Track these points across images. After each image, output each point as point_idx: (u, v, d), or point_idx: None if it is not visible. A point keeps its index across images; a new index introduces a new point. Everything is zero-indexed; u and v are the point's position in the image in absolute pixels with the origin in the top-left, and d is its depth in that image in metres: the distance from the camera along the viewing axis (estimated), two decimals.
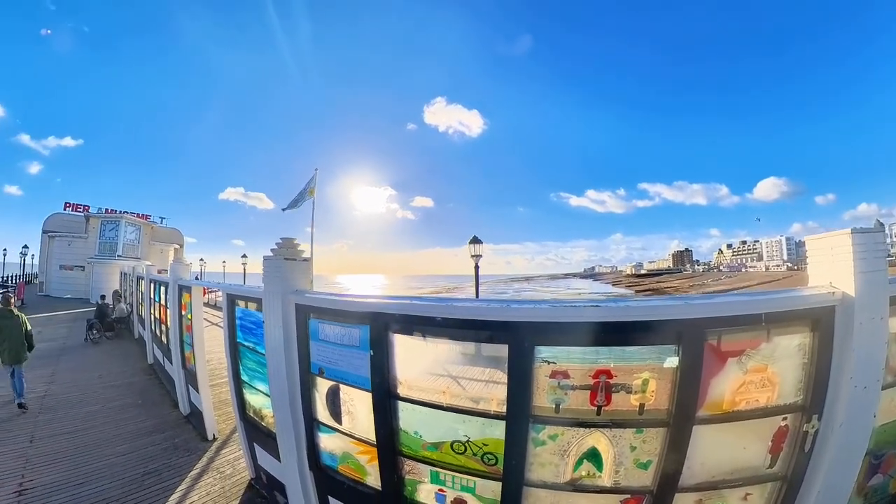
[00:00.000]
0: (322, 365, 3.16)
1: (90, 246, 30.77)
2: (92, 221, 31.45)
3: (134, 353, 12.12)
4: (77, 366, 10.70)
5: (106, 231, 31.20)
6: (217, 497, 4.57)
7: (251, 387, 4.42)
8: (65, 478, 5.13)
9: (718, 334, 2.06)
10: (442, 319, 2.40)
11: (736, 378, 2.09)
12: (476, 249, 13.81)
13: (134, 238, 32.37)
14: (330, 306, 3.09)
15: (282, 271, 3.46)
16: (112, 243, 30.93)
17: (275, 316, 3.45)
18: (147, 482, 4.92)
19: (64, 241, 31.14)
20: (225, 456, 5.50)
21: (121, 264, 24.79)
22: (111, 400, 7.99)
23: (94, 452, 5.79)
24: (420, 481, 2.72)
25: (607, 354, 2.15)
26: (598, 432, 2.18)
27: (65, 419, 7.05)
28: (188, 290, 6.73)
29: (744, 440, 2.18)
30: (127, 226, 31.85)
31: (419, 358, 2.63)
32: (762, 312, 2.05)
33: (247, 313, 4.36)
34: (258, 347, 4.03)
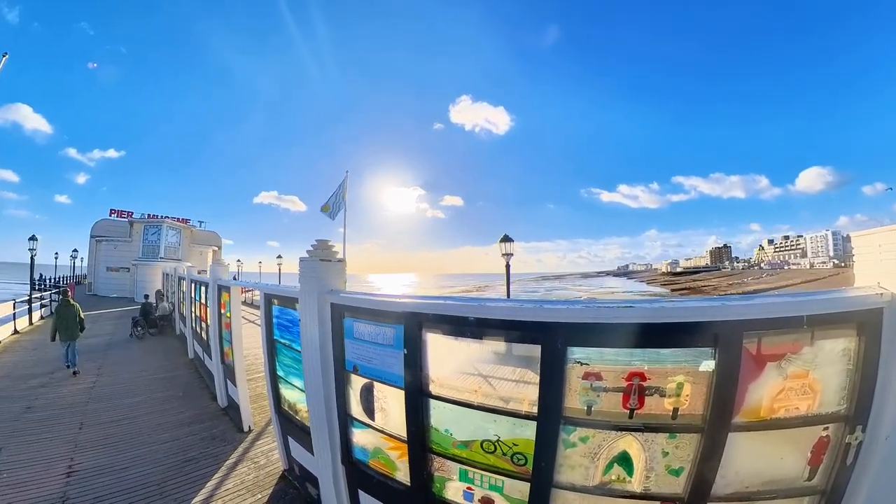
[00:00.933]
0: (356, 362, 3.19)
1: (134, 249, 32.03)
2: (136, 226, 32.80)
3: (175, 348, 12.47)
4: (123, 360, 11.11)
5: (149, 235, 32.40)
6: (251, 486, 4.65)
7: (287, 382, 4.49)
8: (110, 462, 5.32)
9: (757, 337, 1.95)
10: (475, 319, 2.37)
11: (775, 384, 1.97)
12: (507, 248, 13.45)
13: (175, 241, 33.49)
14: (364, 306, 3.10)
15: (317, 272, 3.50)
16: (155, 246, 32.12)
17: (311, 315, 3.51)
18: (186, 469, 5.06)
19: (110, 244, 32.62)
20: (259, 447, 5.60)
21: (163, 266, 25.62)
22: (154, 392, 8.27)
23: (138, 440, 5.99)
24: (449, 479, 2.70)
25: (641, 356, 2.06)
26: (630, 436, 2.10)
27: (111, 409, 7.32)
28: (227, 289, 6.89)
29: (781, 450, 2.06)
30: (168, 230, 33.01)
31: (451, 357, 2.61)
32: (804, 314, 1.91)
33: (283, 312, 4.43)
34: (294, 344, 4.10)
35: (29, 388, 8.58)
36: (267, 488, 4.59)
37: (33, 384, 8.87)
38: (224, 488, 4.62)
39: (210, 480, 4.77)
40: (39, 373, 9.81)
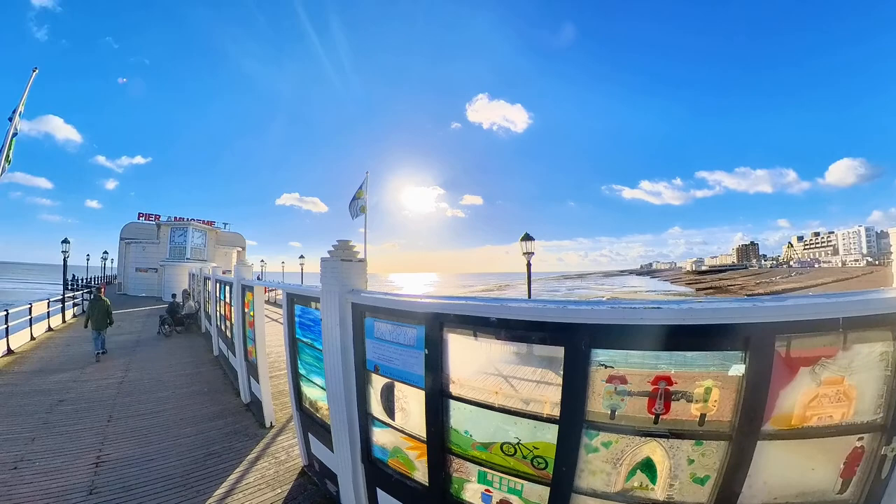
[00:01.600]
0: (377, 362, 3.17)
1: (162, 250, 32.93)
2: (163, 229, 33.69)
3: (201, 346, 12.69)
4: (150, 356, 11.36)
5: (175, 237, 33.35)
6: (271, 480, 4.68)
7: (308, 380, 4.51)
8: (136, 453, 5.42)
9: (789, 340, 1.84)
10: (497, 320, 2.32)
11: (808, 390, 1.86)
12: (528, 247, 13.19)
13: (200, 242, 34.38)
14: (385, 306, 3.08)
15: (338, 272, 3.50)
16: (181, 247, 33.04)
17: (332, 314, 3.50)
18: (209, 462, 5.13)
19: (139, 246, 33.56)
20: (280, 443, 5.63)
21: (189, 266, 26.17)
22: (180, 387, 8.42)
23: (164, 433, 6.10)
24: (467, 480, 2.65)
25: (668, 360, 1.97)
26: (655, 442, 2.01)
27: (139, 403, 7.48)
28: (251, 289, 6.97)
29: (813, 460, 1.94)
30: (194, 232, 33.92)
31: (472, 358, 2.56)
32: (839, 317, 1.79)
33: (305, 311, 4.45)
34: (316, 343, 4.11)
35: (61, 382, 8.84)
36: (287, 483, 4.61)
37: (65, 378, 9.15)
38: (245, 482, 4.65)
39: (232, 474, 4.81)
40: (71, 368, 10.12)
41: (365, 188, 17.78)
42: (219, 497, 4.38)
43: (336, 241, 3.68)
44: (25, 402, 7.58)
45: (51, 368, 10.09)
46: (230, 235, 38.90)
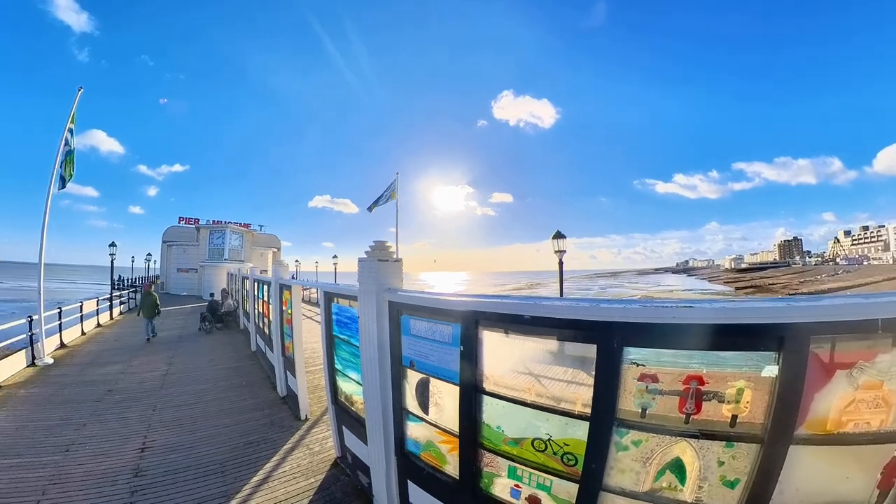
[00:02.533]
0: (413, 358, 3.23)
1: (201, 252, 34.04)
2: (202, 231, 34.90)
3: (240, 342, 13.07)
4: (192, 351, 11.80)
5: (214, 239, 34.31)
6: (305, 470, 4.81)
7: (344, 375, 4.61)
8: (179, 441, 5.67)
9: (826, 342, 1.75)
10: (530, 318, 2.33)
11: (844, 394, 1.76)
12: (559, 244, 12.96)
13: (238, 244, 35.25)
14: (422, 304, 3.14)
15: (375, 271, 3.57)
16: (220, 249, 33.94)
17: (369, 312, 3.59)
18: (246, 451, 5.32)
19: (180, 248, 35.21)
20: (315, 435, 5.79)
21: (227, 267, 27.17)
22: (220, 380, 8.73)
23: (204, 422, 6.35)
24: (497, 475, 2.67)
25: (700, 359, 1.93)
26: (685, 442, 1.97)
27: (182, 394, 7.80)
28: (288, 288, 7.16)
29: (847, 468, 1.83)
30: (231, 234, 34.85)
31: (506, 355, 2.59)
32: (878, 318, 1.67)
33: (342, 309, 4.57)
34: (352, 340, 4.21)
35: (110, 374, 9.32)
36: (320, 473, 4.73)
37: (113, 370, 9.63)
38: (280, 471, 4.80)
39: (268, 463, 4.97)
40: (119, 360, 10.65)
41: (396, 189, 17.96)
42: (255, 484, 4.54)
43: (373, 242, 3.75)
44: (77, 392, 8.04)
45: (100, 361, 10.65)
46: (266, 237, 40.09)
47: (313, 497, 4.29)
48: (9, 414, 6.88)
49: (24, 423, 6.45)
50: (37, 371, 9.56)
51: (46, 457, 5.29)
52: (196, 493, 4.40)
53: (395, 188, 17.99)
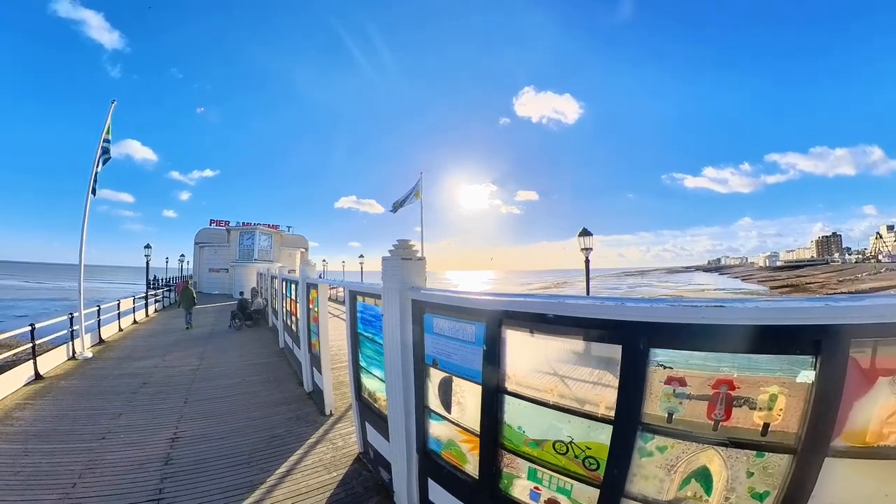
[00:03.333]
0: (436, 356, 3.22)
1: (232, 252, 35.05)
2: (232, 233, 35.94)
3: (268, 339, 13.32)
4: (222, 347, 12.08)
5: (244, 240, 35.36)
6: (328, 464, 4.85)
7: (368, 372, 4.64)
8: (208, 432, 5.81)
9: (867, 346, 1.60)
10: (554, 317, 2.26)
11: (886, 403, 1.60)
12: (586, 242, 12.51)
13: (267, 245, 36.21)
14: (444, 302, 3.11)
15: (399, 270, 3.57)
16: (249, 250, 34.93)
17: (393, 310, 3.60)
18: (272, 443, 5.40)
19: (211, 249, 36.24)
20: (338, 430, 5.83)
21: (257, 266, 27.88)
22: (248, 375, 8.91)
23: (233, 415, 6.49)
24: (517, 476, 2.62)
25: (730, 362, 1.80)
26: (713, 450, 1.85)
27: (211, 388, 8.00)
28: (315, 287, 7.28)
29: (888, 485, 1.66)
30: (260, 235, 35.85)
31: (529, 355, 2.54)
32: None
33: (367, 307, 4.60)
34: (376, 338, 4.23)
35: (145, 368, 9.65)
36: (342, 468, 4.76)
37: (148, 364, 9.96)
38: (304, 464, 4.86)
39: (292, 455, 5.04)
40: (153, 355, 11.02)
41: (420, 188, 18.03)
42: (280, 475, 4.60)
43: (396, 241, 3.75)
44: (114, 384, 8.38)
45: (136, 355, 11.06)
46: (294, 237, 40.94)
47: (335, 490, 4.32)
48: (51, 403, 7.25)
49: (64, 412, 6.79)
50: (77, 364, 10.01)
51: (84, 443, 5.54)
52: (223, 482, 4.50)
53: (419, 188, 18.06)
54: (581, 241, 12.64)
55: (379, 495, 4.17)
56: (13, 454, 5.25)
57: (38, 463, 5.01)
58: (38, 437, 5.78)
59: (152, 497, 4.26)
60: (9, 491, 4.41)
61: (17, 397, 7.50)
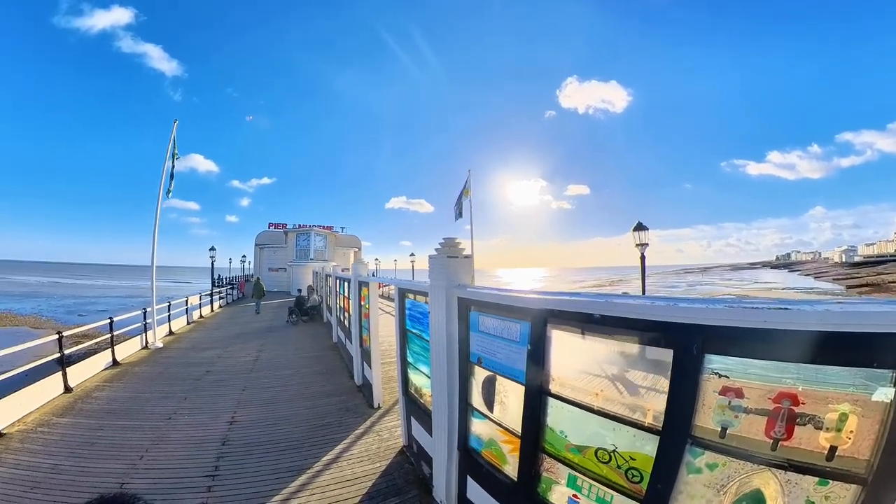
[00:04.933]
0: (481, 355, 3.19)
1: (289, 253, 36.95)
2: (289, 235, 37.80)
3: (322, 334, 13.82)
4: (280, 341, 12.67)
5: (300, 241, 37.13)
6: (372, 454, 4.96)
7: (415, 368, 4.70)
8: (263, 418, 6.11)
9: None
10: (601, 317, 2.14)
11: None
12: (641, 237, 11.68)
13: (322, 245, 37.75)
14: (490, 300, 3.07)
15: (445, 268, 3.57)
16: (305, 250, 36.59)
17: (439, 308, 3.62)
18: (321, 432, 5.60)
19: (270, 250, 38.32)
20: (385, 423, 5.95)
21: (312, 266, 29.21)
22: (302, 367, 9.29)
23: (286, 404, 6.79)
24: (556, 481, 2.52)
25: (795, 373, 1.55)
26: (769, 472, 1.61)
27: (268, 378, 8.42)
28: (366, 284, 7.48)
29: None
30: (315, 236, 37.48)
31: (575, 356, 2.44)
32: None
33: (415, 304, 4.66)
34: (424, 334, 4.27)
35: (208, 358, 10.39)
36: (386, 459, 4.84)
37: (211, 355, 10.71)
38: (350, 453, 5.00)
39: (339, 444, 5.20)
40: (216, 347, 11.83)
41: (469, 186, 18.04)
42: (326, 462, 4.77)
43: (442, 239, 3.76)
44: (181, 371, 9.11)
45: (201, 347, 11.95)
46: (347, 238, 42.49)
47: (377, 480, 4.41)
48: (125, 386, 8.05)
49: (136, 394, 7.51)
50: (149, 353, 11.03)
51: (152, 422, 6.08)
52: (272, 465, 4.73)
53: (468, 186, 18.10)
54: (636, 235, 11.83)
55: (419, 489, 4.20)
56: (91, 427, 5.87)
57: (111, 436, 5.56)
58: (113, 415, 6.42)
59: (209, 473, 4.57)
60: (85, 459, 4.92)
61: (97, 380, 8.36)
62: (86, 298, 53.78)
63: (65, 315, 34.61)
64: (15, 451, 5.10)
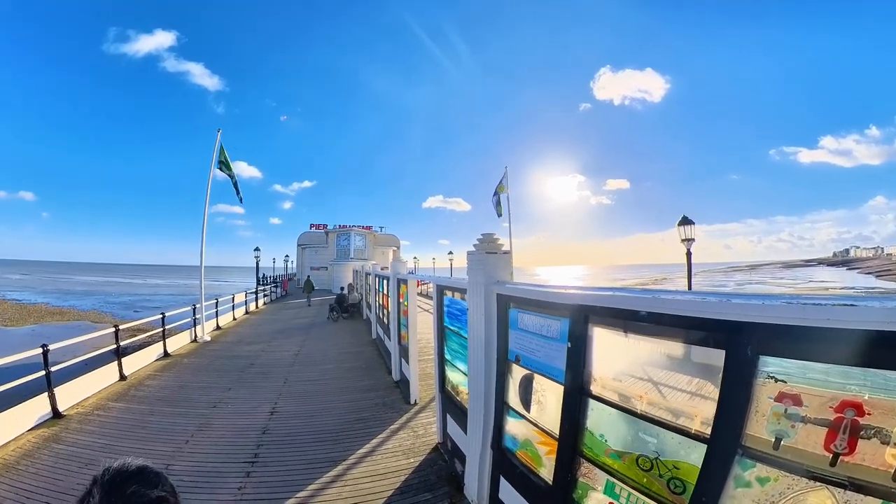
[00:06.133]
0: (519, 353, 3.16)
1: (330, 252, 38.69)
2: (330, 235, 39.62)
3: (362, 330, 14.19)
4: (320, 336, 13.15)
5: (340, 241, 38.89)
6: (407, 450, 5.04)
7: (452, 365, 4.72)
8: (302, 410, 6.36)
9: None
10: (647, 314, 1.99)
11: None
12: (686, 232, 11.16)
13: (361, 244, 39.29)
14: (530, 297, 3.01)
15: (484, 264, 3.54)
16: (346, 249, 38.33)
17: (477, 305, 3.60)
18: (357, 426, 5.74)
19: (312, 250, 40.10)
20: (420, 419, 6.03)
21: (352, 264, 30.38)
22: (342, 362, 9.58)
23: (325, 397, 7.02)
24: (592, 488, 2.41)
25: (861, 379, 1.37)
26: (826, 491, 1.43)
27: (309, 371, 8.77)
28: (405, 282, 7.61)
29: None
30: (355, 236, 39.14)
31: (618, 355, 2.34)
32: None
33: (453, 302, 4.69)
34: (462, 332, 4.28)
35: (252, 351, 10.98)
36: (420, 455, 4.90)
37: (255, 349, 11.31)
38: (385, 447, 5.10)
39: (375, 438, 5.31)
40: (260, 341, 12.47)
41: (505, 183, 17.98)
42: (361, 455, 4.88)
43: (480, 235, 3.73)
44: (227, 363, 9.69)
45: (246, 341, 12.64)
46: (386, 237, 43.66)
47: (409, 476, 4.46)
48: (175, 375, 8.67)
49: (185, 383, 8.06)
50: (197, 346, 11.88)
51: (198, 409, 6.48)
52: (309, 455, 4.91)
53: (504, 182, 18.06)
54: (681, 230, 11.27)
55: (450, 486, 4.22)
56: (143, 412, 6.39)
57: (160, 421, 6.01)
58: (162, 401, 6.93)
59: (249, 460, 4.80)
60: (135, 441, 5.34)
61: (149, 370, 9.06)
62: (140, 296, 58.08)
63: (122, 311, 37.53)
64: (73, 431, 5.64)
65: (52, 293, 55.08)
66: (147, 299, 51.76)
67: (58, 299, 46.84)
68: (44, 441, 5.29)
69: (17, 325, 27.60)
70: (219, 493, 4.15)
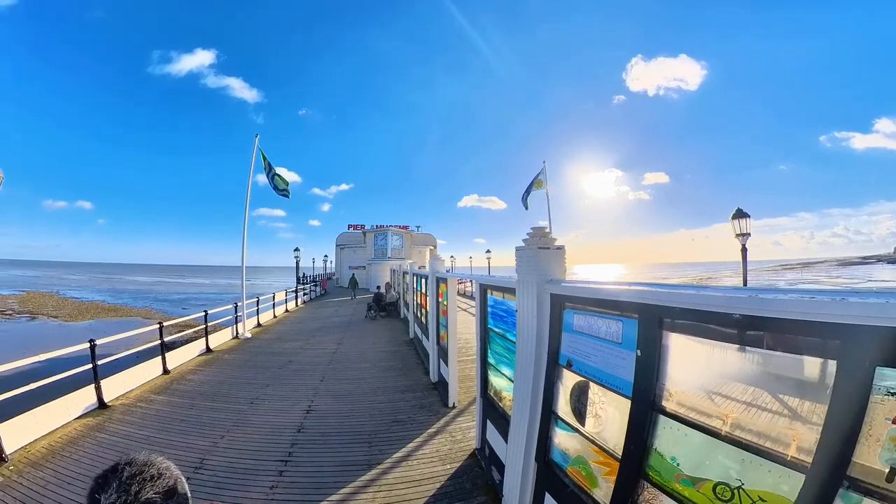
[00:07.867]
0: (571, 357, 2.91)
1: (368, 252, 39.80)
2: (368, 235, 40.63)
3: (399, 329, 14.28)
4: (358, 335, 13.28)
5: (378, 241, 39.88)
6: (443, 455, 4.90)
7: (496, 369, 4.50)
8: (338, 408, 6.37)
9: None
10: (741, 317, 1.66)
11: None
12: (741, 226, 10.42)
13: (398, 244, 40.09)
14: (591, 295, 2.74)
15: (535, 260, 3.28)
16: (383, 249, 39.29)
17: (529, 305, 3.34)
18: (393, 428, 5.65)
19: (350, 250, 41.37)
20: (458, 423, 5.88)
21: (390, 264, 30.94)
22: (379, 362, 9.59)
23: (361, 396, 7.00)
24: None
25: None
26: None
27: (345, 370, 8.81)
28: (444, 281, 7.48)
29: None
30: (392, 235, 39.98)
31: (700, 367, 2.02)
32: None
33: (498, 302, 4.47)
34: (508, 334, 4.06)
35: (291, 348, 11.24)
36: (457, 461, 4.74)
37: (294, 346, 11.58)
38: (420, 451, 4.98)
39: (411, 442, 5.20)
40: (299, 339, 12.77)
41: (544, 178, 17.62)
42: (396, 459, 4.77)
43: (531, 229, 3.47)
44: (266, 360, 9.95)
45: (285, 338, 12.99)
46: (423, 236, 44.41)
47: (445, 483, 4.31)
48: (216, 371, 8.99)
49: (225, 378, 8.32)
50: (238, 342, 12.31)
51: (236, 405, 6.65)
52: (343, 457, 4.85)
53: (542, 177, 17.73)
54: (735, 224, 10.54)
55: (487, 496, 4.05)
56: (183, 406, 6.61)
57: (199, 415, 6.18)
58: (202, 396, 7.15)
59: (282, 458, 4.81)
60: (175, 433, 5.51)
61: (191, 364, 9.46)
62: (188, 294, 61.50)
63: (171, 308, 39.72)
64: (116, 422, 5.93)
65: (107, 292, 59.33)
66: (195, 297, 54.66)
67: (112, 297, 50.36)
68: (88, 430, 5.59)
69: (76, 321, 29.87)
70: (251, 490, 4.15)
